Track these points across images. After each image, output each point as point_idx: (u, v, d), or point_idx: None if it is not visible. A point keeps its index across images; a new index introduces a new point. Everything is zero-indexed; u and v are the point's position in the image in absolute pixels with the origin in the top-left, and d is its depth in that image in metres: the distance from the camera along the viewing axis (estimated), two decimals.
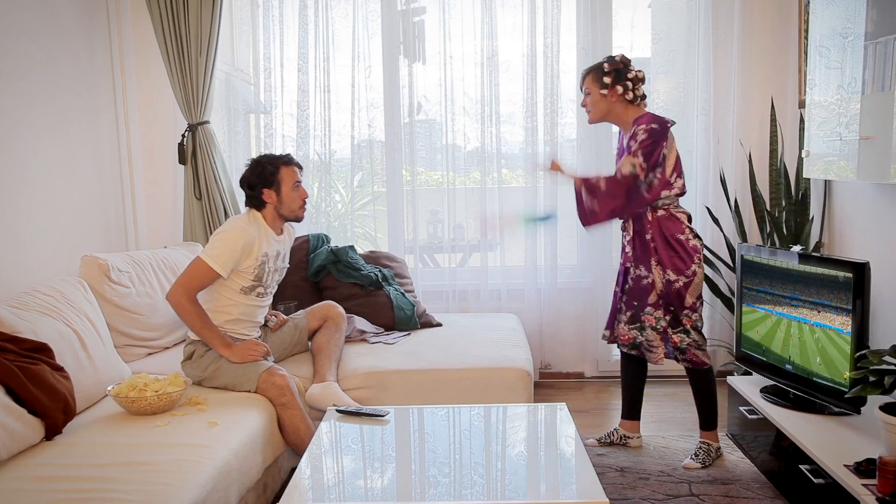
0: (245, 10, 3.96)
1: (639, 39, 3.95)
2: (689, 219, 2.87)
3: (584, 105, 2.94)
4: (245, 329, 2.86)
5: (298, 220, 2.88)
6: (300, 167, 2.86)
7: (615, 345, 3.08)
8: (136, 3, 3.79)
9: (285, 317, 3.14)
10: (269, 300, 2.94)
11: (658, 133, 2.75)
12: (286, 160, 2.82)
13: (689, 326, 2.82)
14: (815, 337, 2.62)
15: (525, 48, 3.88)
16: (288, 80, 3.95)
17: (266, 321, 3.06)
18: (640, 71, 2.86)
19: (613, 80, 2.82)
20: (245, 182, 2.81)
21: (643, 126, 2.76)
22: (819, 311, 2.60)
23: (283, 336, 3.08)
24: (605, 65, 2.84)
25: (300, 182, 2.83)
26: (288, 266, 3.01)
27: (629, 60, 2.87)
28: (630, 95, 2.83)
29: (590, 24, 3.83)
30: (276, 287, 2.97)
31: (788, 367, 2.76)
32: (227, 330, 2.81)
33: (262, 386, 2.65)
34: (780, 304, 2.80)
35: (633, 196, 2.77)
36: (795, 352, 2.72)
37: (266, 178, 2.77)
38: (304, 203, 2.85)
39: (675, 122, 2.86)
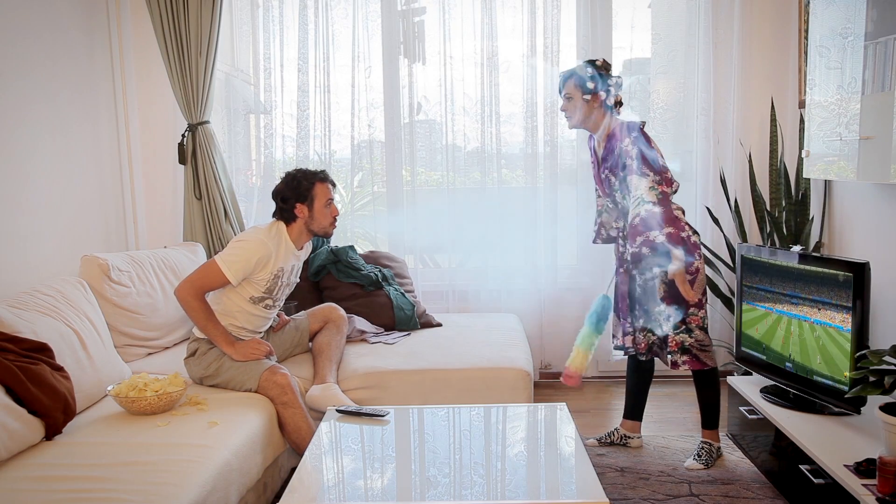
0: (245, 10, 3.96)
1: (639, 39, 3.94)
2: (683, 213, 2.87)
3: (563, 109, 2.90)
4: (246, 336, 2.87)
5: (328, 236, 2.90)
6: (334, 185, 2.88)
7: (623, 351, 3.02)
8: (136, 3, 3.79)
9: (287, 317, 3.15)
10: (275, 312, 2.95)
11: (641, 138, 2.74)
12: (322, 177, 2.83)
13: (693, 325, 2.81)
14: (815, 335, 2.62)
15: (525, 48, 3.88)
16: (288, 80, 3.95)
17: None
18: (619, 76, 2.87)
19: (597, 84, 2.81)
20: (278, 195, 2.81)
21: (626, 142, 2.74)
22: (819, 309, 2.60)
23: (285, 337, 3.09)
24: (588, 69, 2.82)
25: (333, 199, 2.85)
26: (299, 281, 3.02)
27: (610, 65, 2.87)
28: (611, 101, 2.83)
29: (590, 24, 3.83)
30: (284, 301, 2.98)
31: (788, 365, 2.76)
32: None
33: (263, 384, 2.66)
34: (781, 301, 2.80)
35: (665, 203, 2.74)
36: (795, 349, 2.72)
37: (301, 192, 2.78)
38: (335, 220, 2.87)
39: (645, 122, 2.86)
